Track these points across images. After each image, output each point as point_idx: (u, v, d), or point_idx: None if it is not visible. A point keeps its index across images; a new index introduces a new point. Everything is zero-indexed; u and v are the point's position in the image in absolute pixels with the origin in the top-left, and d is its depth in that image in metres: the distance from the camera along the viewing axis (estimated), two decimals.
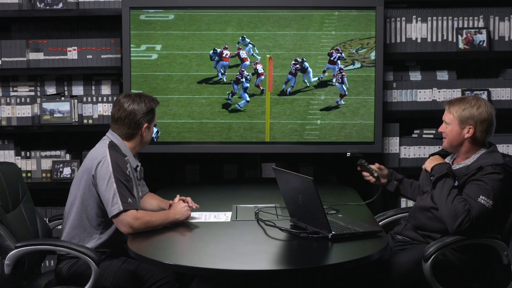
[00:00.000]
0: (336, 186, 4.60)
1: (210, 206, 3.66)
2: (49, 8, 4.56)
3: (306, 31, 4.38)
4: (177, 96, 4.36)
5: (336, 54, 4.42)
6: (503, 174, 3.20)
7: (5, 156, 4.58)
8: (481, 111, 3.27)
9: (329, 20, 4.39)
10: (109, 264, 3.28)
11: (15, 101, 4.55)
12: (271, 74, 4.38)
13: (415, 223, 3.41)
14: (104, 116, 4.57)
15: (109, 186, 3.22)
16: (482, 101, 3.32)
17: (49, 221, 3.80)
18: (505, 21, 4.57)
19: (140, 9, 4.41)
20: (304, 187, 3.10)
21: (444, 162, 3.27)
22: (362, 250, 3.00)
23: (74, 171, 4.53)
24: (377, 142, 4.46)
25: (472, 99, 3.32)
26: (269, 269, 2.82)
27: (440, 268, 3.20)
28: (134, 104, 3.37)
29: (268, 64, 4.37)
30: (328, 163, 4.85)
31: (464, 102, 3.31)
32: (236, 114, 4.43)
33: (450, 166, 3.24)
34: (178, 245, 3.22)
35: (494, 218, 3.22)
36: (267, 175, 4.72)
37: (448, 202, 3.13)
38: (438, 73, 4.66)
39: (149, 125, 3.41)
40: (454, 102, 3.35)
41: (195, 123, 4.40)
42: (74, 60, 4.60)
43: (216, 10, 4.39)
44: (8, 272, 3.15)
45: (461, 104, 3.31)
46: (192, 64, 4.36)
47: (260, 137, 4.44)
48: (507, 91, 4.60)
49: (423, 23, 4.57)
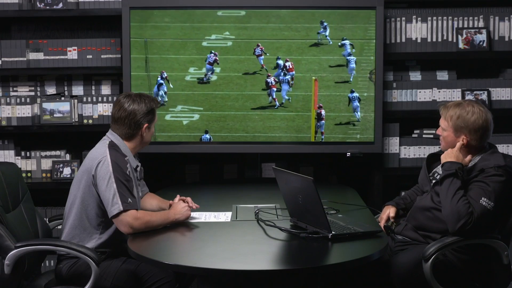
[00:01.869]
0: (336, 186, 4.60)
1: (210, 206, 3.67)
2: (49, 8, 4.56)
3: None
4: (234, 112, 4.47)
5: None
6: (505, 176, 3.19)
7: (5, 156, 4.58)
8: (476, 119, 3.26)
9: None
10: (109, 264, 3.28)
11: (15, 101, 4.55)
12: (316, 94, 4.43)
13: (415, 223, 3.41)
14: (104, 116, 4.57)
15: (109, 186, 3.22)
16: (477, 107, 3.29)
17: (49, 221, 3.80)
18: (505, 21, 4.57)
19: (140, 9, 4.41)
20: (304, 187, 3.10)
21: (456, 161, 3.25)
22: (362, 250, 3.00)
23: (74, 171, 4.53)
24: (377, 142, 4.46)
25: (467, 105, 3.30)
26: (269, 269, 2.82)
27: (440, 268, 3.20)
28: (135, 104, 3.37)
29: (314, 86, 4.41)
30: (328, 163, 4.85)
31: (459, 109, 3.29)
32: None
33: (461, 167, 3.23)
34: (178, 245, 3.22)
35: (495, 219, 3.22)
36: (267, 175, 4.72)
37: (453, 202, 3.12)
38: (438, 73, 4.66)
39: (150, 125, 3.41)
40: (449, 107, 3.33)
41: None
42: (74, 60, 4.60)
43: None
44: (8, 272, 3.14)
45: (456, 110, 3.29)
46: (247, 84, 4.45)
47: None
48: (507, 91, 4.60)
49: (423, 23, 4.57)
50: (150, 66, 4.45)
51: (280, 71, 4.45)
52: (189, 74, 4.47)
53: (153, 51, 4.45)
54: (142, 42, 4.44)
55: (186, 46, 4.46)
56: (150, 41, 4.44)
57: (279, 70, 4.45)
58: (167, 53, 4.47)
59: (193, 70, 4.47)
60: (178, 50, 4.47)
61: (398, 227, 3.51)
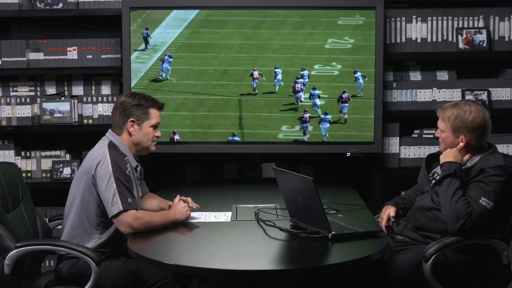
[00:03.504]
0: (336, 186, 4.60)
1: (210, 206, 3.66)
2: (49, 8, 4.56)
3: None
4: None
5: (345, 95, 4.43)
6: (505, 176, 3.19)
7: (5, 156, 4.58)
8: (473, 118, 3.26)
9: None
10: (109, 264, 3.28)
11: (15, 101, 4.55)
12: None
13: (415, 224, 3.41)
14: (104, 116, 4.57)
15: (109, 186, 3.22)
16: (474, 106, 3.30)
17: (49, 221, 3.80)
18: (505, 21, 4.57)
19: (140, 9, 4.41)
20: (304, 187, 3.10)
21: (455, 161, 3.25)
22: (362, 250, 3.00)
23: (74, 171, 4.53)
24: (377, 142, 4.46)
25: (464, 105, 3.31)
26: (269, 269, 2.82)
27: (440, 268, 3.20)
28: (128, 98, 3.43)
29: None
30: (328, 163, 4.85)
31: (456, 109, 3.29)
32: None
33: (460, 167, 3.23)
34: (178, 245, 3.22)
35: (495, 219, 3.22)
36: (267, 175, 4.72)
37: (452, 202, 3.12)
38: (438, 73, 4.66)
39: (139, 123, 3.39)
40: (446, 108, 3.33)
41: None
42: (74, 60, 4.60)
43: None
44: (8, 272, 3.14)
45: (453, 110, 3.29)
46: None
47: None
48: (507, 91, 4.60)
49: (423, 23, 4.57)
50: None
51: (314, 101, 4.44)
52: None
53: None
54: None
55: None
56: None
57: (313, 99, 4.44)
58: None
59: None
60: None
61: (398, 227, 3.51)
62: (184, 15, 4.45)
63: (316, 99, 4.43)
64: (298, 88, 4.43)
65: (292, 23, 4.45)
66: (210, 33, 4.46)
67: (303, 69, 4.42)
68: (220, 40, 4.46)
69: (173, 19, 4.47)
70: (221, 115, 4.46)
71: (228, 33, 4.46)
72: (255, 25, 4.47)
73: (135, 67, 4.43)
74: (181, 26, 4.47)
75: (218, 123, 4.46)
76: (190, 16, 4.46)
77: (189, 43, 4.48)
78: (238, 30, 4.47)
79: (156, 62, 4.45)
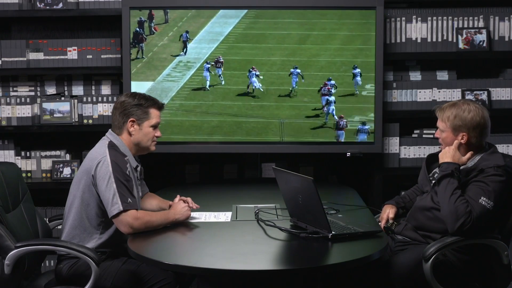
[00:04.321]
0: (336, 186, 4.60)
1: (210, 206, 3.66)
2: (49, 8, 4.56)
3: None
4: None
5: (326, 88, 4.41)
6: (505, 176, 3.20)
7: (5, 156, 4.58)
8: (473, 116, 3.27)
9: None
10: (109, 264, 3.28)
11: (15, 101, 4.55)
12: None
13: (415, 223, 3.41)
14: (104, 116, 4.57)
15: (109, 186, 3.22)
16: (473, 104, 3.30)
17: (49, 221, 3.80)
18: (505, 21, 4.57)
19: (140, 9, 4.41)
20: (304, 187, 3.10)
21: (452, 162, 3.25)
22: (362, 250, 3.00)
23: (74, 171, 4.53)
24: (377, 142, 4.46)
25: (463, 103, 3.31)
26: (269, 269, 2.82)
27: (441, 268, 3.20)
28: (129, 98, 3.43)
29: None
30: (328, 163, 4.85)
31: (455, 108, 3.30)
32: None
33: (458, 167, 3.23)
34: (178, 245, 3.22)
35: (495, 219, 3.22)
36: (267, 175, 4.72)
37: (451, 202, 3.12)
38: (438, 73, 4.66)
39: (139, 123, 3.40)
40: (445, 108, 3.33)
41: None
42: (74, 60, 4.60)
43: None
44: (8, 272, 3.14)
45: (452, 110, 3.30)
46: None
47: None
48: (507, 91, 4.60)
49: (423, 23, 4.57)
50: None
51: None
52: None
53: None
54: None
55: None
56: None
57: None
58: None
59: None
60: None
61: (398, 227, 3.51)
62: (220, 28, 4.41)
63: (332, 105, 4.43)
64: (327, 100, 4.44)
65: (296, 25, 4.46)
66: (249, 48, 4.43)
67: (329, 79, 4.42)
68: (260, 57, 4.42)
69: (207, 33, 4.42)
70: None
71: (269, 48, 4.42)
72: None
73: (166, 86, 4.41)
74: (217, 41, 4.42)
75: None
76: (226, 30, 4.42)
77: (226, 60, 4.41)
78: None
79: (188, 81, 4.41)
